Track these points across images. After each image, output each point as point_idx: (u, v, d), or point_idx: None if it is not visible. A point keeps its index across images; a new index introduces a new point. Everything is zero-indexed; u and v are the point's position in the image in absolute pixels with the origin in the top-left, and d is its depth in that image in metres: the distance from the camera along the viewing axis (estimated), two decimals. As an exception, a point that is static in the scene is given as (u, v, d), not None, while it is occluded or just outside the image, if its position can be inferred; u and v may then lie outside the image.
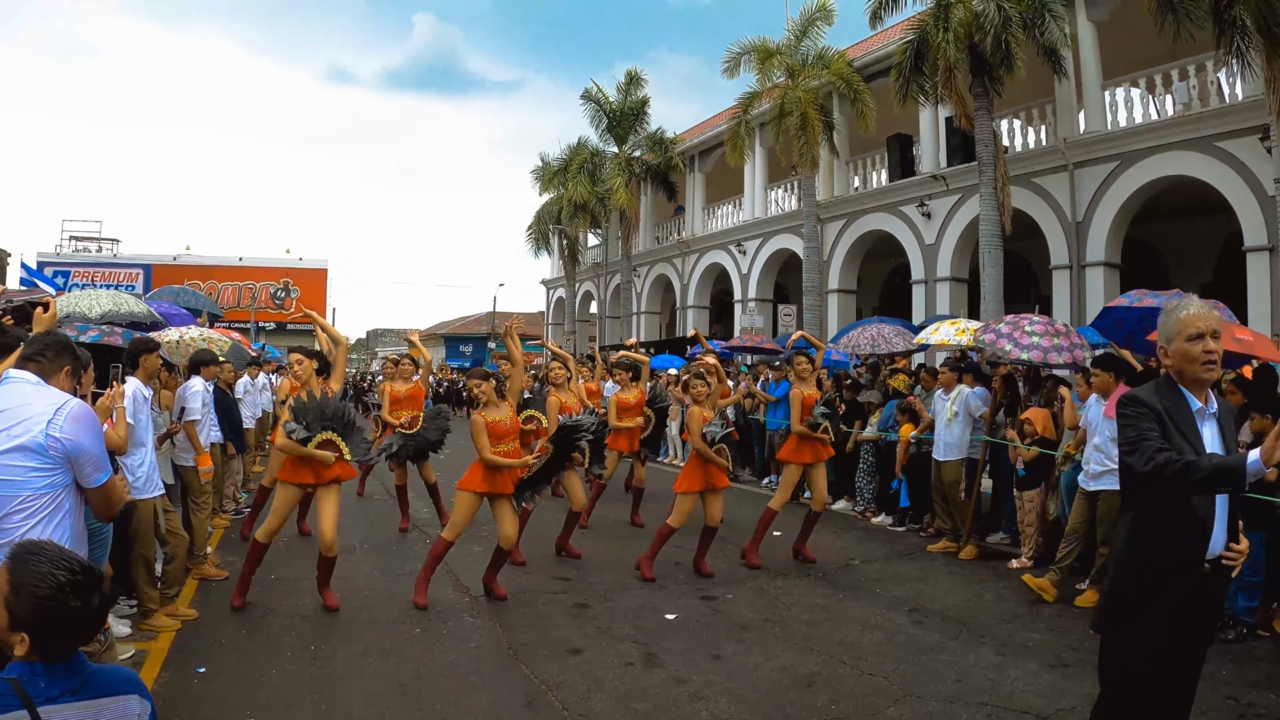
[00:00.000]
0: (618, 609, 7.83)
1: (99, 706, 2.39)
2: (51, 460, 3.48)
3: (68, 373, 3.85)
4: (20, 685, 2.30)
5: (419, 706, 5.61)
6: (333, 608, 7.62)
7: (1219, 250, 20.35)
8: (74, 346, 3.98)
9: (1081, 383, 9.14)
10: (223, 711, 5.46)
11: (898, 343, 14.82)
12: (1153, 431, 3.47)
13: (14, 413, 3.49)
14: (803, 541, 9.91)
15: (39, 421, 3.48)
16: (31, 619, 2.31)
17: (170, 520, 7.45)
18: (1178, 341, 3.58)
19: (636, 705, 5.66)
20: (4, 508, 3.40)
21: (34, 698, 2.29)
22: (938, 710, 5.64)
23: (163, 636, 6.81)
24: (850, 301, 26.46)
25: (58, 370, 3.79)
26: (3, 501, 3.41)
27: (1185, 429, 3.52)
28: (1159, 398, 3.59)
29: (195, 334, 10.95)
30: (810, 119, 23.23)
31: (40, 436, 3.46)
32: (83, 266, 52.40)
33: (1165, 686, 3.68)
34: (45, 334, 4.09)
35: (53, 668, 2.34)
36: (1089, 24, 18.85)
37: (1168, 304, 3.72)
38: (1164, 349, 3.64)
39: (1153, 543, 3.59)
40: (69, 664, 2.38)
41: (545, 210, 37.87)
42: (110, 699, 2.42)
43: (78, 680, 2.38)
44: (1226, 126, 16.34)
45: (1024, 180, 19.95)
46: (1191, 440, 3.50)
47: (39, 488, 3.46)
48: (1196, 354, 3.55)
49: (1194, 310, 3.59)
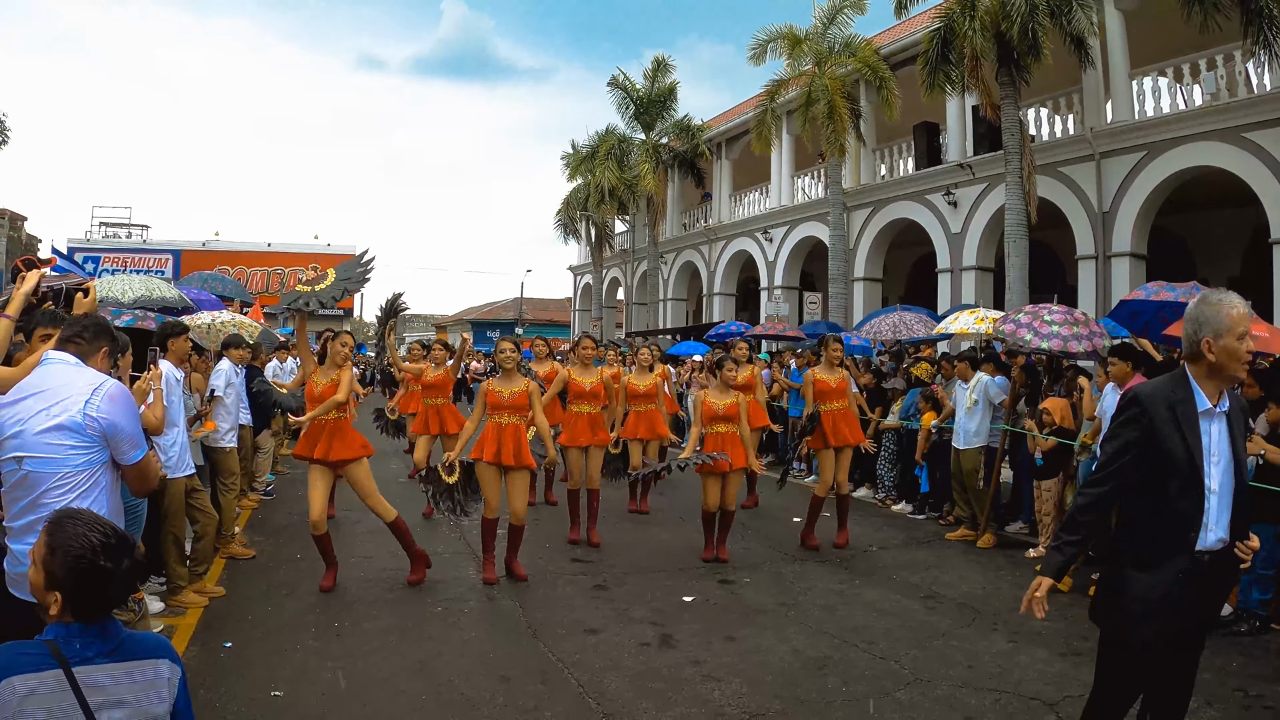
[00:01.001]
0: (635, 591, 7.96)
1: (131, 668, 2.50)
2: (89, 438, 3.61)
3: (105, 354, 3.95)
4: (56, 646, 2.42)
5: (437, 682, 5.76)
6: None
7: (1246, 242, 20.20)
8: (112, 329, 4.08)
9: (1101, 373, 9.16)
10: (248, 684, 5.62)
11: (920, 330, 14.86)
12: (1124, 458, 3.66)
13: (53, 392, 3.61)
14: (808, 529, 9.92)
15: (77, 401, 3.60)
16: (65, 578, 2.44)
17: (200, 499, 7.63)
18: (1228, 338, 3.55)
19: (651, 684, 5.79)
20: (44, 484, 3.54)
21: (69, 658, 2.41)
22: (946, 695, 5.73)
23: (191, 613, 7.00)
24: (876, 290, 26.38)
25: (95, 352, 3.89)
26: (42, 478, 3.54)
27: (1187, 428, 3.58)
28: (1170, 391, 3.65)
29: (227, 318, 11.15)
30: (838, 107, 23.14)
31: (78, 416, 3.58)
32: (113, 252, 52.68)
33: (1153, 677, 3.78)
34: (84, 316, 4.18)
35: (87, 630, 2.46)
36: (1116, 12, 18.70)
37: (1209, 295, 3.70)
38: (1209, 341, 3.58)
39: (1137, 536, 3.69)
40: (103, 627, 2.49)
41: (573, 196, 37.84)
42: (142, 662, 2.53)
43: (111, 644, 2.49)
44: (1254, 117, 16.19)
45: (1050, 169, 19.83)
46: (1190, 441, 3.56)
47: (77, 464, 3.59)
48: (1242, 353, 3.57)
49: (1241, 309, 3.59)
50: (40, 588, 2.49)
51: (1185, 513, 3.59)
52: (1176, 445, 3.55)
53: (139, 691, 2.50)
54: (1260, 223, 16.88)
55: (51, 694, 2.38)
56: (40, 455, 3.54)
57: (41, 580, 2.48)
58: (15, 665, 2.39)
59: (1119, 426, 3.71)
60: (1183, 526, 3.60)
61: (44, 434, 3.55)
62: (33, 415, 3.57)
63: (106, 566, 2.46)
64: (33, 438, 3.55)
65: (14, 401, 3.61)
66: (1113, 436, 3.74)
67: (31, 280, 4.49)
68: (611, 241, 40.17)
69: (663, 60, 33.77)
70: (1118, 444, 3.69)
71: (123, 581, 2.51)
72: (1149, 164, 18.19)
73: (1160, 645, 3.68)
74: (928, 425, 11.59)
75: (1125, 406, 3.70)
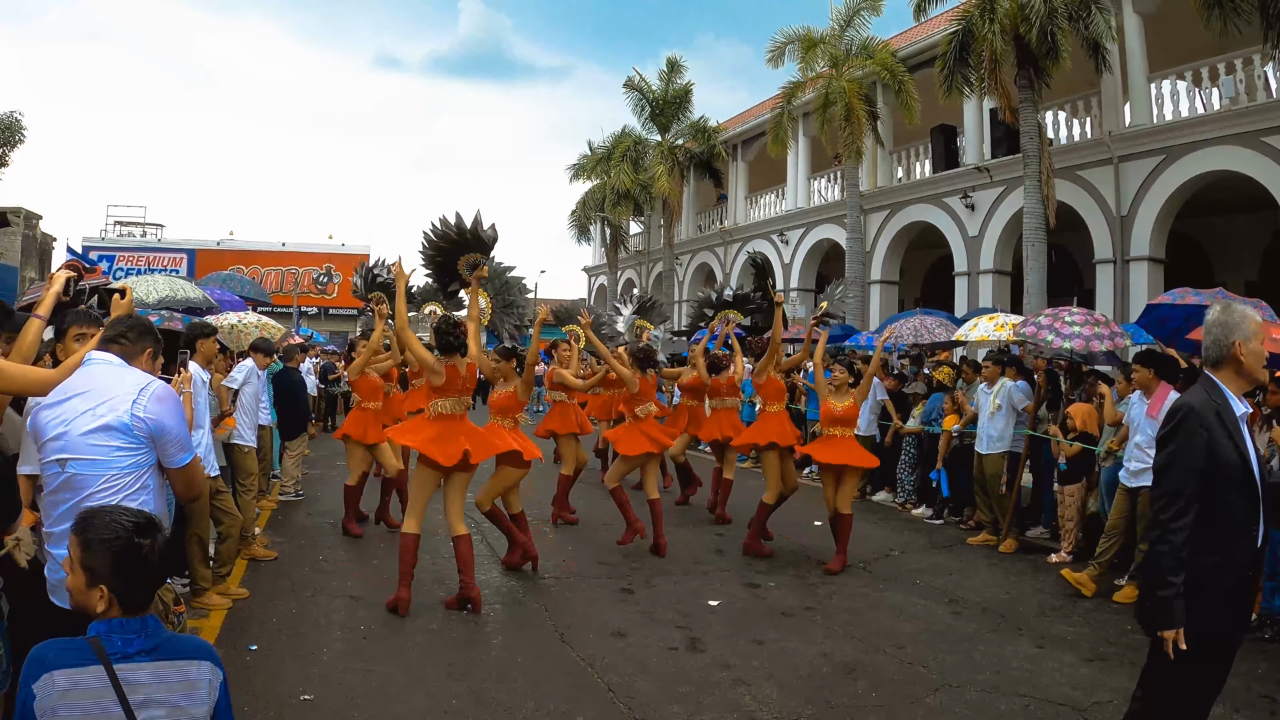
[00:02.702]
0: (661, 594, 7.96)
1: (172, 668, 2.53)
2: (136, 439, 3.54)
3: (149, 355, 3.89)
4: (99, 643, 2.46)
5: (467, 685, 5.76)
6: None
7: (1264, 246, 20.18)
8: (155, 330, 4.02)
9: (1121, 379, 9.14)
10: (276, 687, 5.62)
11: (940, 334, 14.83)
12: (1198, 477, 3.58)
13: (98, 393, 3.54)
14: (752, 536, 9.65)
15: (124, 401, 3.53)
16: (106, 566, 2.48)
17: (224, 500, 7.63)
18: (1255, 342, 3.68)
19: (680, 688, 5.78)
20: (90, 485, 3.45)
21: (110, 655, 2.45)
22: (976, 700, 5.72)
23: (215, 615, 7.00)
24: (893, 293, 26.37)
25: (140, 353, 3.83)
26: (88, 480, 3.46)
27: (1234, 433, 3.62)
28: (1211, 401, 3.67)
29: (251, 319, 11.20)
30: (855, 109, 23.10)
31: (125, 416, 3.51)
32: (127, 251, 52.76)
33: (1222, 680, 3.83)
34: (127, 317, 4.09)
35: (128, 625, 2.49)
36: (1135, 16, 18.66)
37: (1232, 304, 3.80)
38: (1240, 344, 3.67)
39: (1199, 544, 3.65)
40: (144, 624, 2.52)
41: (588, 197, 37.77)
42: (183, 662, 2.56)
43: (152, 642, 2.52)
44: (1273, 121, 16.13)
45: (1068, 173, 19.78)
46: (1239, 444, 3.60)
47: (124, 467, 3.52)
48: (1265, 356, 3.71)
49: (1260, 317, 3.73)
50: (82, 589, 2.52)
51: (1243, 518, 3.63)
52: (1231, 453, 3.58)
53: (179, 692, 2.53)
54: (1278, 227, 16.83)
55: (92, 690, 2.41)
56: (86, 457, 3.46)
57: (83, 580, 2.51)
58: (57, 660, 2.43)
59: (1181, 446, 3.64)
60: (1242, 530, 3.63)
61: (89, 435, 3.47)
62: (77, 416, 3.49)
63: (143, 543, 2.51)
64: (77, 439, 3.47)
65: (57, 403, 3.54)
66: (1177, 457, 3.65)
67: (59, 281, 4.48)
68: (626, 243, 40.15)
69: (677, 61, 33.68)
70: (1188, 464, 3.61)
71: (160, 560, 2.57)
72: (1167, 168, 18.14)
73: (1234, 648, 3.77)
74: (949, 429, 11.58)
75: (1182, 422, 3.67)
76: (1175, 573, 3.57)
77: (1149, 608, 3.72)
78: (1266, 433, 7.69)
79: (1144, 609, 3.86)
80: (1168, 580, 3.58)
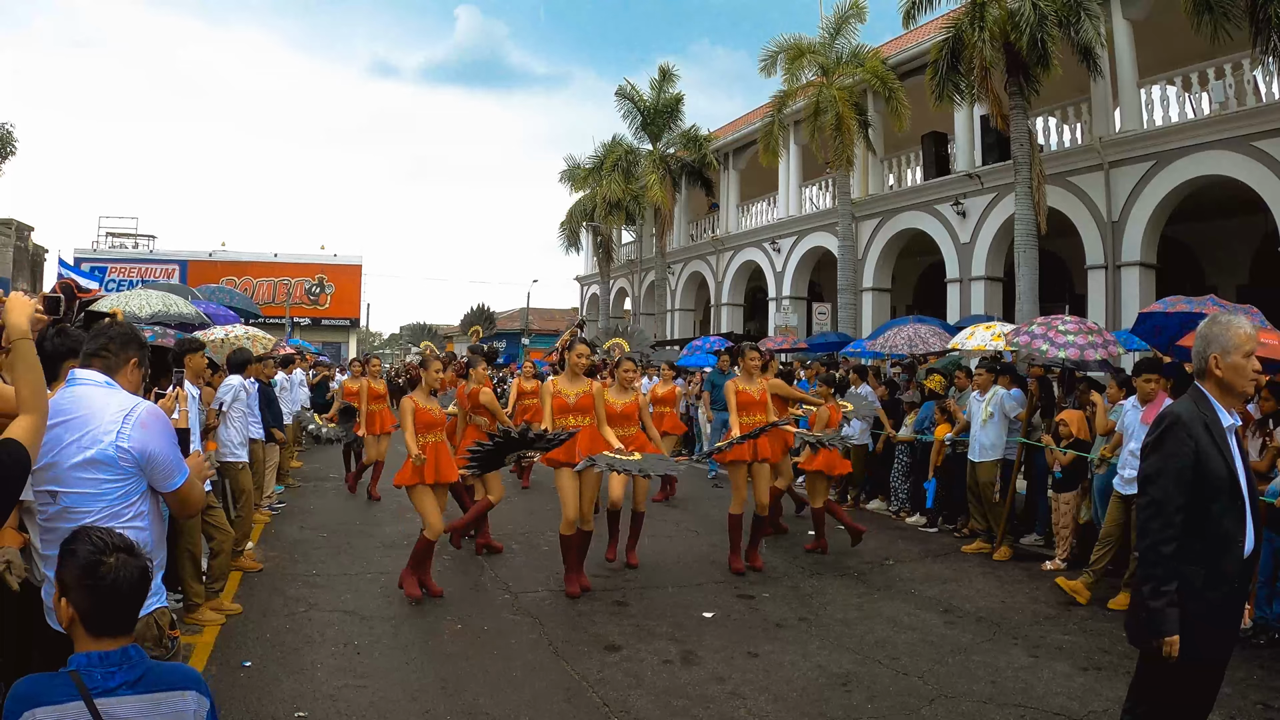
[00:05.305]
0: (655, 607, 7.94)
1: (156, 700, 2.48)
2: (124, 470, 3.36)
3: (134, 364, 3.66)
4: (79, 677, 2.40)
5: (461, 700, 5.73)
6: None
7: (1255, 250, 20.19)
8: (140, 336, 3.78)
9: (1114, 385, 9.12)
10: (270, 704, 5.60)
11: (934, 343, 14.83)
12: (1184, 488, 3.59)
13: (80, 421, 3.34)
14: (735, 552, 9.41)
15: (108, 431, 3.33)
16: (73, 579, 2.45)
17: (216, 516, 7.60)
18: (1235, 356, 3.65)
19: (676, 702, 5.76)
20: (85, 518, 3.24)
21: (91, 689, 2.39)
22: (972, 711, 5.70)
23: (208, 630, 6.98)
24: (885, 300, 26.38)
25: (124, 364, 3.61)
26: (82, 514, 3.27)
27: (1221, 444, 3.62)
28: (1199, 412, 3.67)
29: (240, 332, 11.18)
30: (845, 117, 23.11)
31: (110, 449, 3.32)
32: (119, 263, 52.85)
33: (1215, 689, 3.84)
34: (108, 326, 3.79)
35: (109, 657, 2.44)
36: (1125, 22, 18.69)
37: (1219, 315, 3.79)
38: (1216, 359, 3.67)
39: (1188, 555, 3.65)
40: (125, 654, 2.47)
41: (578, 207, 37.70)
42: (167, 693, 2.51)
43: (135, 673, 2.46)
44: (1263, 126, 16.15)
45: (1059, 179, 19.80)
46: (1227, 456, 3.61)
47: (114, 499, 3.35)
48: (1249, 370, 3.66)
49: (1249, 328, 3.69)
50: (57, 601, 2.51)
51: (1230, 530, 3.62)
52: (1219, 465, 3.59)
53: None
54: (1269, 231, 16.85)
55: None
56: (77, 490, 3.30)
57: (57, 592, 2.50)
58: (38, 697, 2.38)
59: (1167, 453, 3.66)
60: (1230, 541, 3.63)
61: (76, 469, 3.28)
62: (63, 447, 3.29)
63: (106, 560, 2.45)
64: (66, 472, 3.29)
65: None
66: (1163, 464, 3.66)
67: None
68: (617, 253, 40.13)
69: (669, 70, 33.72)
70: (1174, 471, 3.62)
71: (131, 586, 2.50)
72: (1158, 173, 18.16)
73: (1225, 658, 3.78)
74: (941, 438, 11.57)
75: (1168, 430, 3.67)
76: (1167, 580, 3.58)
77: (1141, 617, 3.69)
78: (1260, 439, 7.70)
79: (1135, 619, 3.83)
80: (1160, 589, 3.59)
